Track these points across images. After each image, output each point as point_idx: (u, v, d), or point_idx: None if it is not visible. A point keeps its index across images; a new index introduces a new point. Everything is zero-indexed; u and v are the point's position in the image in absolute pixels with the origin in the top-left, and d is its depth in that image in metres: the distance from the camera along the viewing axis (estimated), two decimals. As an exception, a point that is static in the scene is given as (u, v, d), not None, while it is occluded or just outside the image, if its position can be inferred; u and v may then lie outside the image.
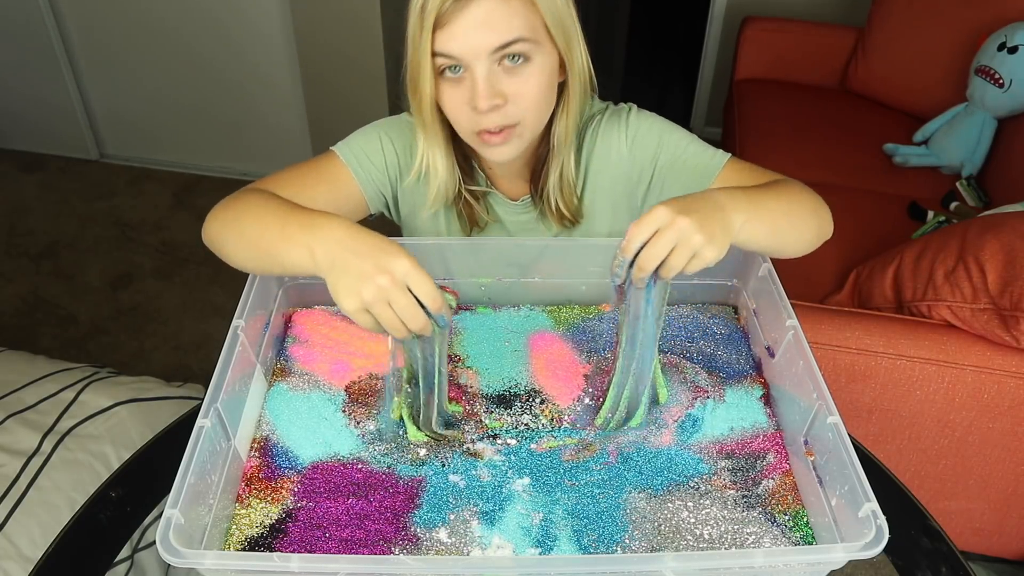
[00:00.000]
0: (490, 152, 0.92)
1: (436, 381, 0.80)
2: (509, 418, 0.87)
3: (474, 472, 0.81)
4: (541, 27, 0.84)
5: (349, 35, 2.45)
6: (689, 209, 0.71)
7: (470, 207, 1.01)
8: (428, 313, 0.71)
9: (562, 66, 0.90)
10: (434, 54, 0.83)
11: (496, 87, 0.85)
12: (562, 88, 0.92)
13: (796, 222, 0.85)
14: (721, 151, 0.97)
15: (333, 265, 0.71)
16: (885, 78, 2.41)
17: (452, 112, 0.89)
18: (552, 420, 0.86)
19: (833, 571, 0.72)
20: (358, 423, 0.86)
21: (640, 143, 0.98)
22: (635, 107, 1.01)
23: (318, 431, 0.85)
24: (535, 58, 0.85)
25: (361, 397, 0.89)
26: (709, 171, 0.95)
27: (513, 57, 0.84)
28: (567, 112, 0.93)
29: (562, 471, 0.81)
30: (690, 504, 0.78)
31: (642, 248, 0.70)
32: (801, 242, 0.87)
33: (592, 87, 0.95)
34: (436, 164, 0.97)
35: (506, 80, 0.85)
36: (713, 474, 0.81)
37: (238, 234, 0.83)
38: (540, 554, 0.74)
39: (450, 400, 0.86)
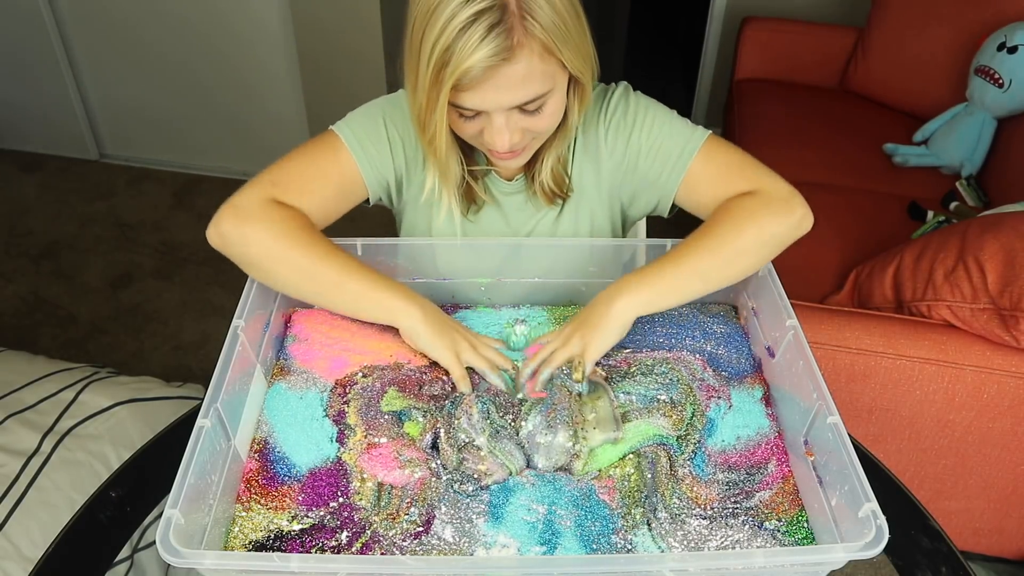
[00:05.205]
0: (502, 164, 0.94)
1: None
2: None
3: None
4: (558, 67, 0.83)
5: (349, 35, 2.45)
6: (574, 324, 0.89)
7: (470, 187, 1.01)
8: None
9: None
10: (450, 103, 0.82)
11: (514, 127, 0.85)
12: (573, 84, 0.90)
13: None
14: (701, 129, 0.96)
15: (426, 331, 0.89)
16: (885, 78, 2.41)
17: (466, 137, 0.90)
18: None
19: (833, 571, 0.72)
20: (335, 421, 0.86)
21: (615, 126, 0.98)
22: (622, 88, 1.01)
23: (311, 432, 0.85)
24: (552, 97, 0.84)
25: (344, 390, 0.89)
26: (683, 157, 0.95)
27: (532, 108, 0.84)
28: (579, 108, 0.91)
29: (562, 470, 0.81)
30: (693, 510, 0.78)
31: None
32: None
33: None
34: (446, 193, 0.98)
35: (523, 120, 0.85)
36: (714, 482, 0.81)
37: (296, 270, 0.89)
38: (545, 553, 0.74)
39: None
